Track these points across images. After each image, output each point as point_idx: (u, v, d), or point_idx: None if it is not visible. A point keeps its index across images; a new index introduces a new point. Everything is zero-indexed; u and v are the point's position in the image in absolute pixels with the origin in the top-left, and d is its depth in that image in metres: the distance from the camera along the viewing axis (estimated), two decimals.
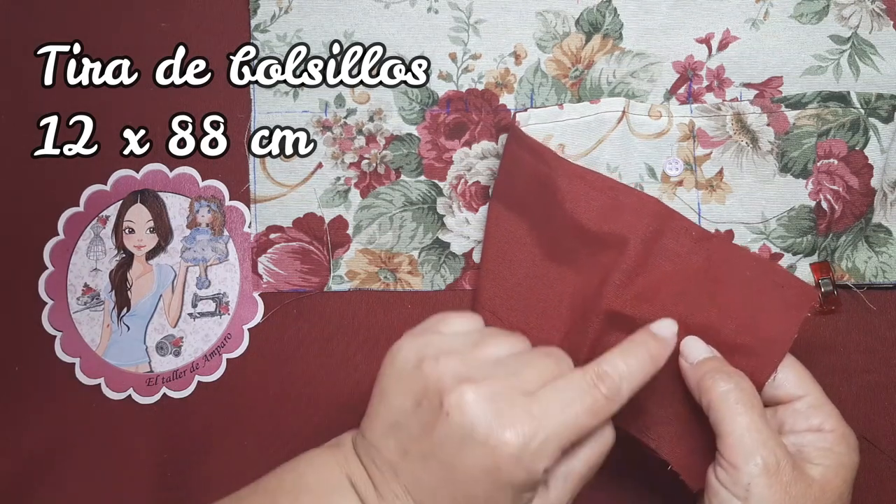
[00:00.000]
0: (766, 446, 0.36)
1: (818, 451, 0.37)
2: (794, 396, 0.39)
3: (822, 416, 0.38)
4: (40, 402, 0.51)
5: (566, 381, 0.35)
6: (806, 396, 0.39)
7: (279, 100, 0.51)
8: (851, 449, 0.37)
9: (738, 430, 0.36)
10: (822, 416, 0.38)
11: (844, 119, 0.48)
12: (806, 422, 0.38)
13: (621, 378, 0.36)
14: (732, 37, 0.50)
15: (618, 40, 0.50)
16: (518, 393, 0.34)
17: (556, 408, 0.34)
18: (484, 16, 0.50)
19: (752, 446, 0.36)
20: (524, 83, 0.50)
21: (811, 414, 0.38)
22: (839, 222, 0.48)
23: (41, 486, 0.50)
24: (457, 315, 0.39)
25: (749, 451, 0.35)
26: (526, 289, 0.46)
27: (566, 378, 0.36)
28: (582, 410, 0.35)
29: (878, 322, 0.49)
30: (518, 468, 0.33)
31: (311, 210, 0.51)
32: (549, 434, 0.34)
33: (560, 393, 0.35)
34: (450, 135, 0.50)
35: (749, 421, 0.36)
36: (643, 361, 0.37)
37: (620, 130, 0.48)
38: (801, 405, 0.39)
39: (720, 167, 0.49)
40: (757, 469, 0.35)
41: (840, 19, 0.49)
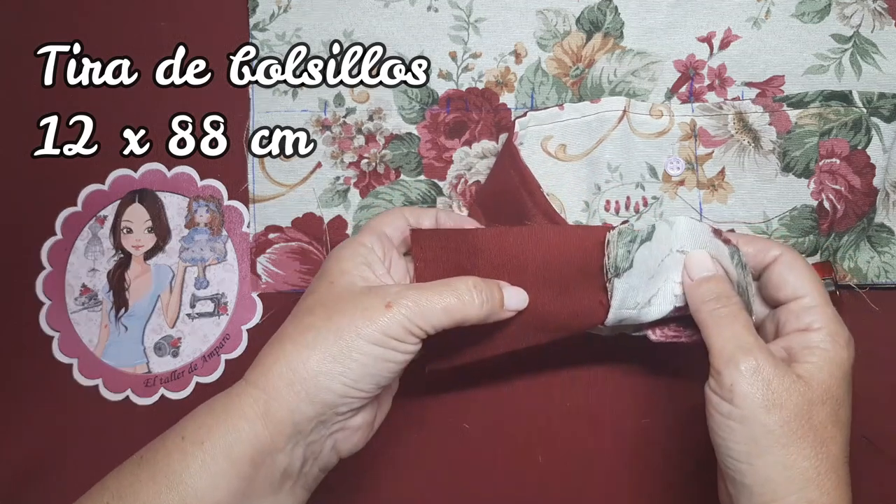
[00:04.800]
0: (744, 350, 0.38)
1: (804, 349, 0.38)
2: (791, 297, 0.40)
3: (812, 316, 0.39)
4: (38, 403, 0.51)
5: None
6: (803, 297, 0.40)
7: (278, 99, 0.51)
8: (839, 346, 0.38)
9: (721, 341, 0.39)
10: (813, 315, 0.39)
11: (846, 118, 0.48)
12: (797, 322, 0.40)
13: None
14: (734, 35, 0.49)
15: (619, 39, 0.50)
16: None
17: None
18: (484, 14, 0.50)
19: (732, 352, 0.38)
20: (525, 82, 0.50)
21: (803, 314, 0.39)
22: (841, 222, 0.48)
23: (39, 487, 0.50)
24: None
25: (729, 356, 0.38)
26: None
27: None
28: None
29: (880, 322, 0.49)
30: (341, 248, 0.41)
31: (310, 210, 0.50)
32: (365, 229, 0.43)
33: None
34: (450, 134, 0.50)
35: (730, 332, 0.39)
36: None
37: (621, 130, 0.48)
38: (796, 306, 0.40)
39: (722, 166, 0.49)
40: (737, 370, 0.37)
41: (842, 18, 0.49)
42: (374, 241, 0.41)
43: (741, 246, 0.42)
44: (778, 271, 0.41)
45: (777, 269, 0.41)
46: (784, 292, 0.41)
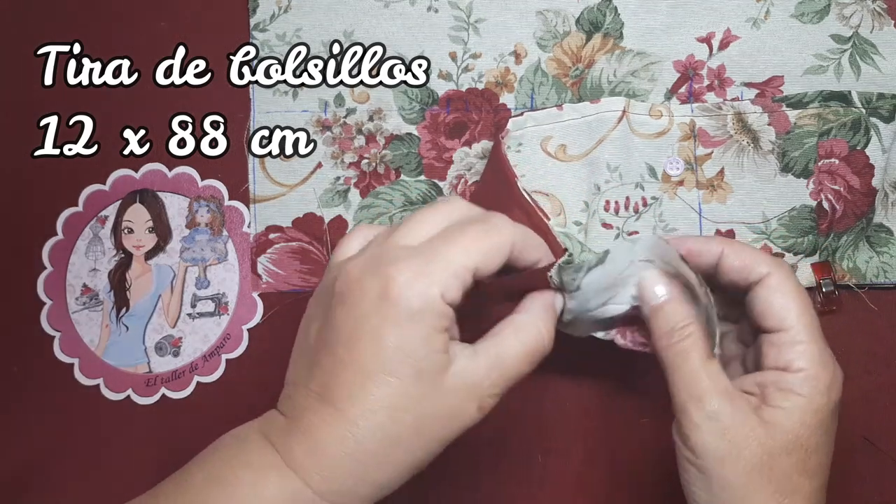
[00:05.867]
0: (697, 396, 0.35)
1: (778, 392, 0.35)
2: (775, 328, 0.36)
3: (794, 355, 0.35)
4: (39, 403, 0.51)
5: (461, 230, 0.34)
6: (787, 330, 0.36)
7: (278, 99, 0.51)
8: (818, 391, 0.34)
9: (676, 383, 0.36)
10: (795, 354, 0.35)
11: (845, 118, 0.48)
12: (776, 358, 0.36)
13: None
14: (733, 36, 0.50)
15: (618, 39, 0.50)
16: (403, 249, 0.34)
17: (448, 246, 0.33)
18: (484, 15, 0.50)
19: (684, 400, 0.35)
20: (524, 82, 0.50)
21: (784, 350, 0.35)
22: (840, 222, 0.48)
23: (40, 487, 0.50)
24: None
25: (683, 404, 0.35)
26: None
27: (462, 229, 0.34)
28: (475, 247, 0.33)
29: (879, 322, 0.49)
30: (407, 291, 0.32)
31: (310, 210, 0.51)
32: (438, 261, 0.32)
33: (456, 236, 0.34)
34: (450, 134, 0.50)
35: (685, 372, 0.35)
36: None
37: (621, 130, 0.48)
38: (779, 339, 0.36)
39: (721, 167, 0.49)
40: (690, 420, 0.35)
41: (841, 18, 0.49)
42: (459, 289, 0.33)
43: (727, 257, 0.38)
44: (763, 296, 0.37)
45: (762, 292, 0.37)
46: (768, 321, 0.36)
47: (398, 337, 0.32)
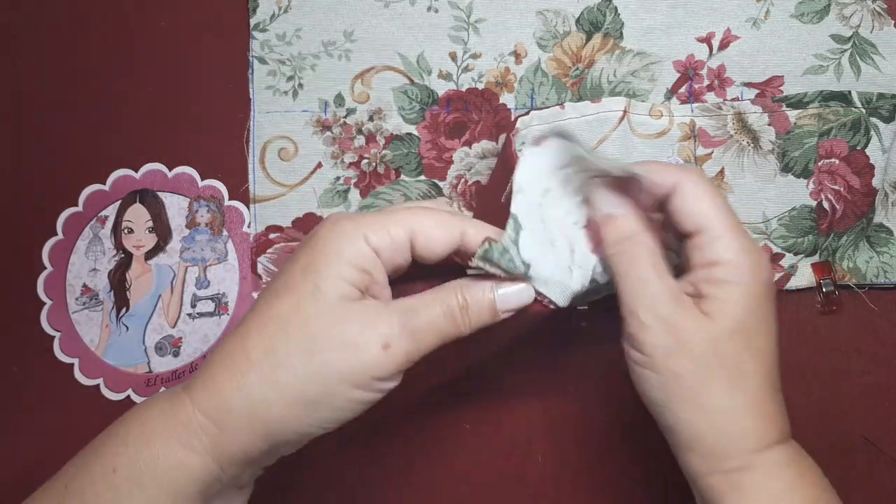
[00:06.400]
0: (643, 295, 0.36)
1: (710, 284, 0.35)
2: (694, 230, 0.36)
3: (717, 249, 0.36)
4: (39, 403, 0.51)
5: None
6: (706, 230, 0.36)
7: (278, 99, 0.51)
8: (748, 274, 0.35)
9: (622, 287, 0.36)
10: (718, 249, 0.36)
11: (845, 119, 0.48)
12: (702, 256, 0.36)
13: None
14: (733, 36, 0.50)
15: (618, 39, 0.50)
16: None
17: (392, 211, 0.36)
18: (484, 15, 0.50)
19: (631, 304, 0.36)
20: (524, 82, 0.50)
21: (707, 248, 0.36)
22: (840, 222, 0.48)
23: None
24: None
25: (631, 305, 0.36)
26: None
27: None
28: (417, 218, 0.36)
29: (879, 322, 0.49)
30: (333, 226, 0.35)
31: (310, 210, 0.51)
32: (375, 215, 0.35)
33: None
34: (450, 134, 0.50)
35: (632, 276, 0.36)
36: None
37: (621, 130, 0.48)
38: (700, 239, 0.36)
39: (721, 167, 0.49)
40: (637, 319, 0.35)
41: (841, 18, 0.49)
42: (388, 243, 0.35)
43: (643, 175, 0.37)
44: (677, 204, 0.37)
45: (676, 201, 0.37)
46: (687, 226, 0.37)
47: (308, 258, 0.35)
